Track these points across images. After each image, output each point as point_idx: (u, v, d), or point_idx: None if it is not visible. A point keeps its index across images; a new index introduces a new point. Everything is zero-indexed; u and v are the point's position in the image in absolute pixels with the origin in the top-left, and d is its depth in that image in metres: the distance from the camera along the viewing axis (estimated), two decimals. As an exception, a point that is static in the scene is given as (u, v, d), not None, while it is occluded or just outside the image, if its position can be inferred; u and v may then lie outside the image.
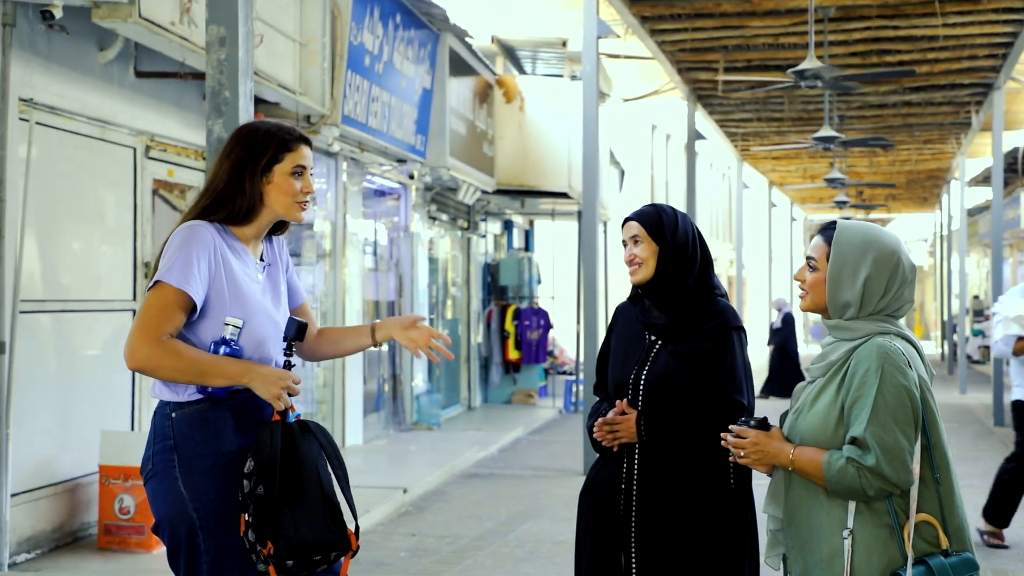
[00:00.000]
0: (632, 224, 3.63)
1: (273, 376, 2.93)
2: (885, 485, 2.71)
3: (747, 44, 14.41)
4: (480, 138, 13.46)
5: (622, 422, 3.53)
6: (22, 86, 6.40)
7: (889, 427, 2.70)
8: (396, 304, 13.41)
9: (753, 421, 2.92)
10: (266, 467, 2.89)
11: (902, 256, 2.87)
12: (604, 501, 3.60)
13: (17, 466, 6.44)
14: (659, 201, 26.59)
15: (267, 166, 3.06)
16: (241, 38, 4.51)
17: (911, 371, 2.77)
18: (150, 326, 2.92)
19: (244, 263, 3.07)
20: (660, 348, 3.58)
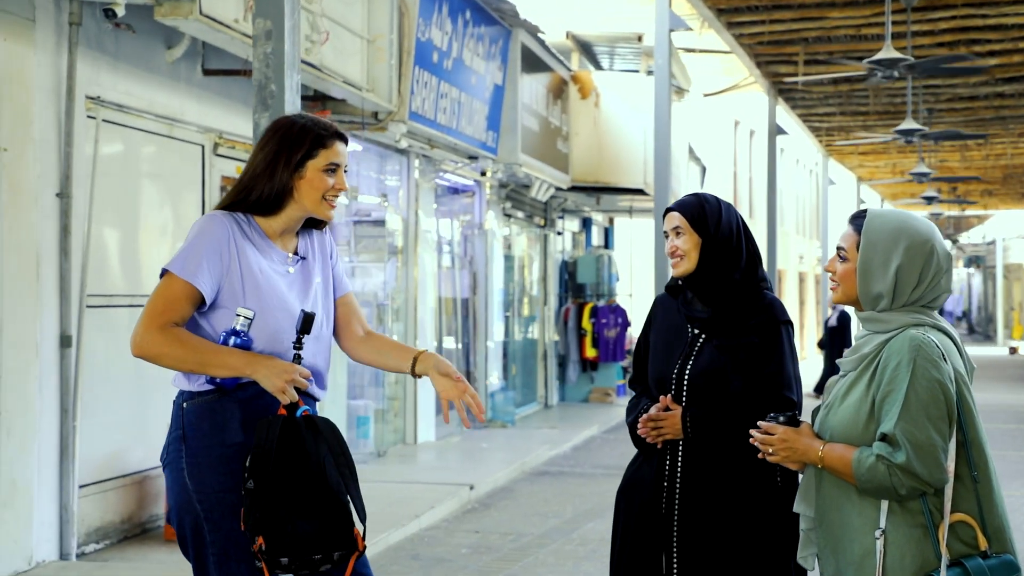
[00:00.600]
0: (673, 215, 3.52)
1: (278, 368, 2.88)
2: (917, 483, 2.60)
3: (828, 36, 14.13)
4: (554, 134, 13.39)
5: (667, 418, 3.43)
6: (89, 84, 6.51)
7: (921, 423, 2.59)
8: (470, 302, 13.42)
9: (782, 417, 2.82)
10: (260, 460, 2.84)
11: (936, 244, 2.74)
12: (645, 499, 3.49)
13: (86, 458, 6.56)
14: (742, 195, 26.15)
15: (301, 161, 3.02)
16: (287, 31, 4.52)
17: (945, 364, 2.65)
18: (155, 314, 2.92)
19: (267, 255, 3.04)
20: (704, 342, 3.47)
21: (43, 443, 6.15)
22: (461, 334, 13.28)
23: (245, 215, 3.06)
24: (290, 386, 2.88)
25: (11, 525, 5.86)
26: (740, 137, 26.11)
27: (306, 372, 2.93)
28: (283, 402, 2.89)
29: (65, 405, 6.29)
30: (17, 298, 5.93)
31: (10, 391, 5.84)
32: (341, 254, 10.47)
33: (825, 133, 21.66)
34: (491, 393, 13.58)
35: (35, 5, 6.07)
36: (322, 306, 3.13)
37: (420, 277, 11.53)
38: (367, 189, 10.92)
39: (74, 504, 6.32)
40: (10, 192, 5.88)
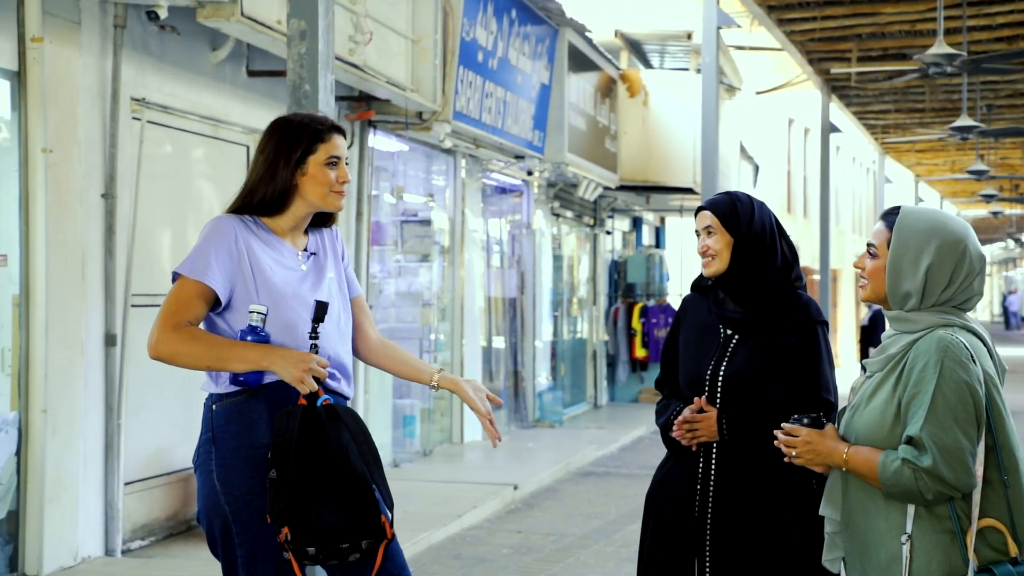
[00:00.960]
0: (705, 214, 3.45)
1: (295, 358, 2.88)
2: (944, 488, 2.54)
3: (881, 32, 13.95)
4: (602, 134, 13.34)
5: (702, 420, 3.37)
6: (134, 86, 6.59)
7: (948, 426, 2.53)
8: (518, 301, 13.40)
9: (806, 419, 2.77)
10: (281, 450, 2.84)
11: (969, 244, 2.68)
12: (676, 501, 3.43)
13: (132, 455, 6.64)
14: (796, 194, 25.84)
15: (301, 158, 3.04)
16: (321, 31, 4.53)
17: (974, 366, 2.58)
18: (167, 315, 2.93)
19: (278, 252, 3.05)
20: (738, 343, 3.41)
21: (88, 441, 6.23)
22: (509, 334, 13.27)
23: (252, 216, 3.07)
24: (308, 375, 2.87)
25: (57, 522, 5.94)
26: (794, 135, 25.83)
27: (324, 361, 2.93)
28: (302, 392, 2.88)
29: (110, 403, 6.37)
30: (63, 297, 6.01)
31: (56, 389, 5.92)
32: (388, 253, 10.60)
33: (881, 130, 21.38)
34: (539, 393, 13.56)
35: (81, 8, 6.15)
36: (339, 302, 3.13)
37: (467, 277, 11.54)
38: (414, 189, 10.95)
39: (119, 501, 6.40)
40: (56, 193, 5.96)
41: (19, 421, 5.76)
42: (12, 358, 5.83)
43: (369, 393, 9.47)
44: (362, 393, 9.24)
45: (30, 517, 5.78)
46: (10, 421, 5.74)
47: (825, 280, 17.75)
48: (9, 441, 5.72)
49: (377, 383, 9.71)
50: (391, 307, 10.54)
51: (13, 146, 5.83)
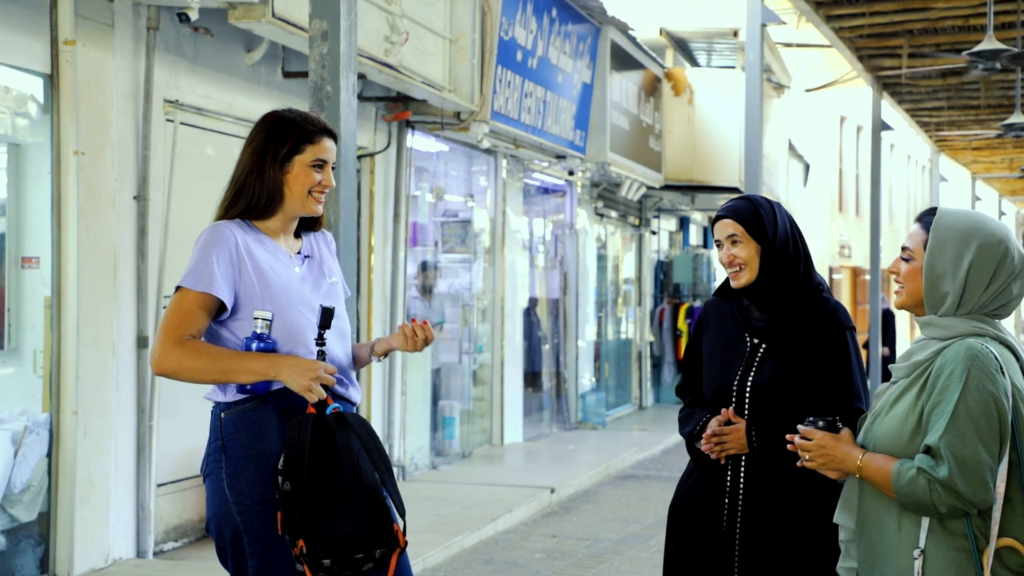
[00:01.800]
0: (728, 222, 3.32)
1: (302, 367, 2.83)
2: (958, 502, 2.43)
3: (934, 27, 13.63)
4: (646, 133, 13.21)
5: (730, 432, 3.26)
6: (167, 88, 6.60)
7: (968, 438, 2.43)
8: (561, 302, 13.32)
9: (822, 422, 2.67)
10: (293, 462, 2.79)
11: (1011, 246, 2.57)
12: (704, 515, 3.33)
13: (165, 457, 6.65)
14: (848, 193, 25.43)
15: (287, 156, 2.98)
16: (343, 32, 4.49)
17: (1002, 378, 2.47)
18: (169, 329, 2.88)
19: (273, 255, 3.00)
20: (765, 352, 3.30)
21: (120, 442, 6.25)
22: (551, 334, 13.20)
23: (243, 220, 3.02)
24: (316, 384, 2.83)
25: (88, 523, 5.97)
26: (846, 133, 25.48)
27: (332, 368, 2.88)
28: (310, 400, 2.84)
29: (142, 404, 6.39)
30: (94, 299, 6.03)
31: (87, 391, 5.95)
32: (431, 253, 10.57)
33: (935, 128, 20.97)
34: (582, 395, 13.47)
35: (114, 11, 6.17)
36: (340, 303, 3.10)
37: (508, 277, 11.48)
38: (454, 189, 10.92)
39: (151, 502, 6.41)
40: (88, 195, 5.98)
41: (50, 423, 5.79)
42: (44, 360, 5.86)
43: (407, 395, 9.44)
44: (399, 395, 9.22)
45: (61, 518, 5.81)
46: (41, 423, 5.77)
47: (876, 280, 17.43)
48: (40, 443, 5.75)
49: (416, 384, 9.69)
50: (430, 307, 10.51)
51: (45, 148, 5.86)
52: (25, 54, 5.72)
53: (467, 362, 10.93)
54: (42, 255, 5.87)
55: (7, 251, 5.84)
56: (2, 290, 5.82)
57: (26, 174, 5.93)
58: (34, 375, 5.89)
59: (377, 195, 9.03)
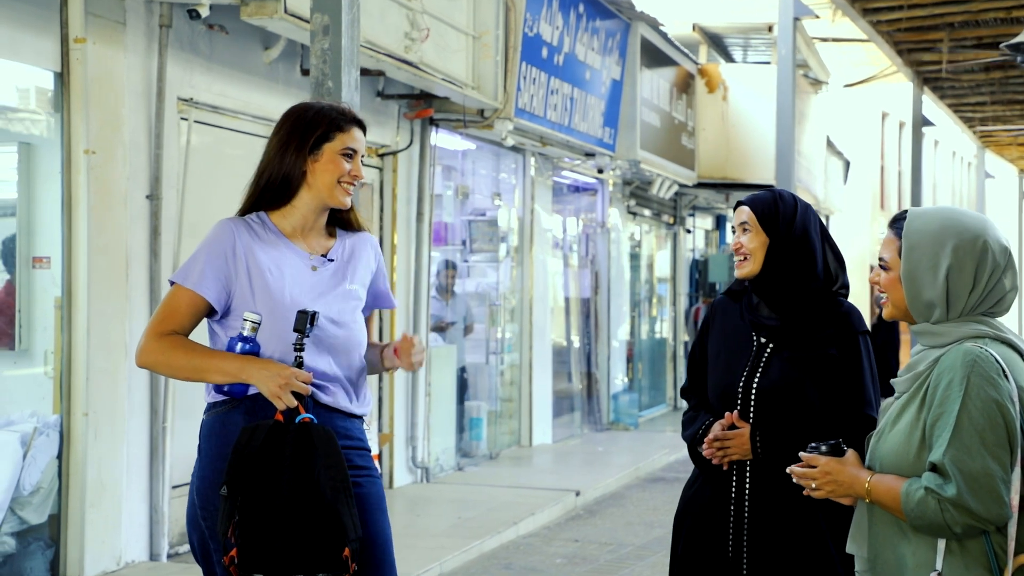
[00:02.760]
0: (743, 210, 3.21)
1: (272, 371, 2.75)
2: (972, 520, 2.27)
3: (975, 20, 13.37)
4: (678, 130, 13.03)
5: (733, 437, 3.13)
6: (181, 86, 6.53)
7: (975, 450, 2.26)
8: (592, 301, 13.18)
9: (824, 447, 2.50)
10: (236, 466, 2.70)
11: (988, 238, 2.38)
12: (709, 524, 3.20)
13: (181, 459, 6.58)
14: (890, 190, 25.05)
15: (316, 143, 2.92)
16: (344, 26, 4.40)
17: (1005, 382, 2.30)
18: (155, 323, 2.89)
19: (281, 255, 2.91)
20: (773, 353, 3.16)
21: (132, 444, 6.19)
22: (582, 334, 13.06)
23: (258, 215, 2.96)
24: (286, 391, 2.74)
25: (99, 526, 5.91)
26: (888, 129, 25.10)
27: (306, 376, 2.78)
28: (278, 407, 2.75)
29: (155, 406, 6.32)
30: (106, 300, 5.97)
31: (98, 392, 5.89)
32: (459, 252, 10.47)
33: (979, 123, 20.60)
34: (614, 395, 13.32)
35: (126, 8, 6.11)
36: (349, 312, 2.97)
37: (536, 276, 11.35)
38: (482, 187, 10.81)
39: (164, 505, 6.35)
40: (99, 195, 5.92)
41: (61, 424, 5.74)
42: (54, 361, 5.81)
43: (431, 396, 9.34)
44: (423, 396, 9.12)
45: (71, 521, 5.75)
46: (51, 424, 5.72)
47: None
48: (50, 444, 5.70)
49: (439, 386, 9.59)
50: (458, 307, 10.41)
51: (56, 147, 5.80)
52: (35, 52, 5.67)
53: (494, 362, 10.82)
54: (53, 255, 5.82)
55: (18, 251, 5.79)
56: (13, 290, 5.78)
57: (36, 173, 5.88)
58: (45, 376, 5.84)
59: (400, 193, 8.94)
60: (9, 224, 5.84)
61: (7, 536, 5.50)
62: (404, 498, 8.47)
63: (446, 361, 9.81)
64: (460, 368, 10.31)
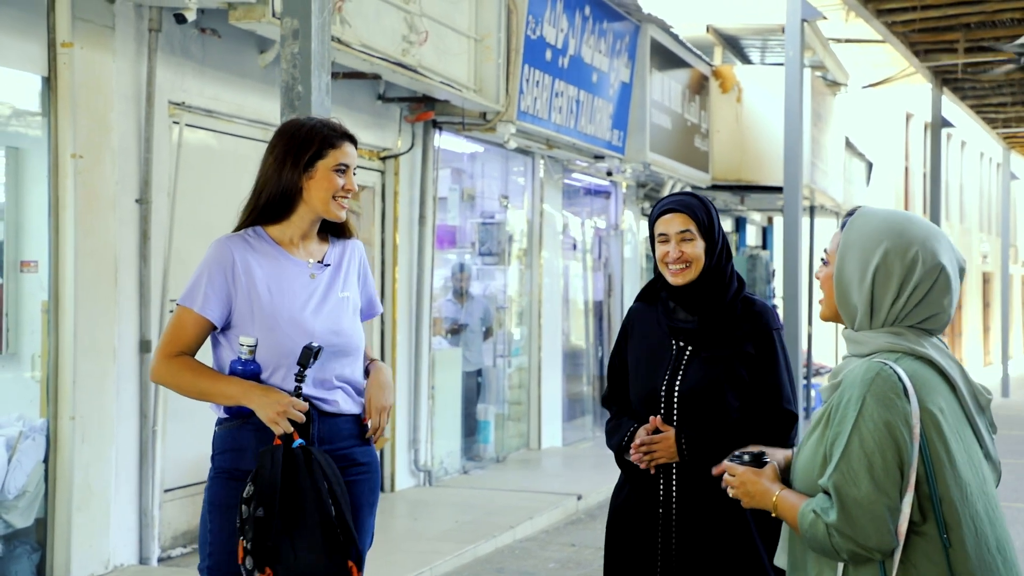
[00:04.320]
0: (682, 217, 3.20)
1: (271, 399, 2.94)
2: (856, 548, 2.16)
3: (991, 21, 13.21)
4: (691, 132, 12.95)
5: (659, 441, 3.15)
6: (172, 90, 6.54)
7: (860, 476, 2.15)
8: (604, 304, 13.12)
9: (747, 456, 2.46)
10: (266, 490, 2.89)
11: (924, 250, 2.25)
12: (638, 529, 3.22)
13: (172, 462, 6.60)
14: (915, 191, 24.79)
15: (310, 160, 3.06)
16: (315, 30, 4.37)
17: (903, 402, 2.17)
18: (164, 343, 3.07)
19: (280, 266, 3.07)
20: (691, 355, 3.19)
21: (121, 448, 6.20)
22: (595, 337, 13.00)
23: (254, 229, 3.10)
24: (283, 418, 2.92)
25: (85, 529, 5.92)
26: (913, 130, 24.86)
27: (302, 405, 2.96)
28: (276, 433, 2.93)
29: (145, 410, 6.33)
30: (93, 304, 5.99)
31: (86, 396, 5.90)
32: (468, 256, 10.45)
33: (1002, 124, 20.36)
34: (627, 398, 13.23)
35: (115, 13, 6.12)
36: (347, 319, 3.12)
37: (545, 279, 11.31)
38: (490, 189, 10.78)
39: (154, 509, 6.36)
40: (86, 199, 5.94)
41: (47, 428, 5.76)
42: (41, 364, 5.83)
43: (435, 399, 9.32)
44: (425, 399, 9.10)
45: (58, 525, 5.76)
46: (38, 428, 5.73)
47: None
48: (37, 448, 5.72)
49: (443, 389, 9.56)
50: (467, 310, 10.38)
51: (43, 152, 5.82)
52: (22, 57, 5.69)
53: (502, 365, 10.79)
54: (40, 259, 5.84)
55: (5, 255, 5.82)
56: (0, 294, 5.80)
57: (24, 177, 5.91)
58: (31, 380, 5.87)
59: (402, 196, 8.93)
60: (-3, 228, 5.87)
61: (-8, 539, 5.52)
62: (404, 501, 8.45)
63: (451, 364, 9.79)
64: (476, 371, 10.28)
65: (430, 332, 9.18)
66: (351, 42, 6.90)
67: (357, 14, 7.07)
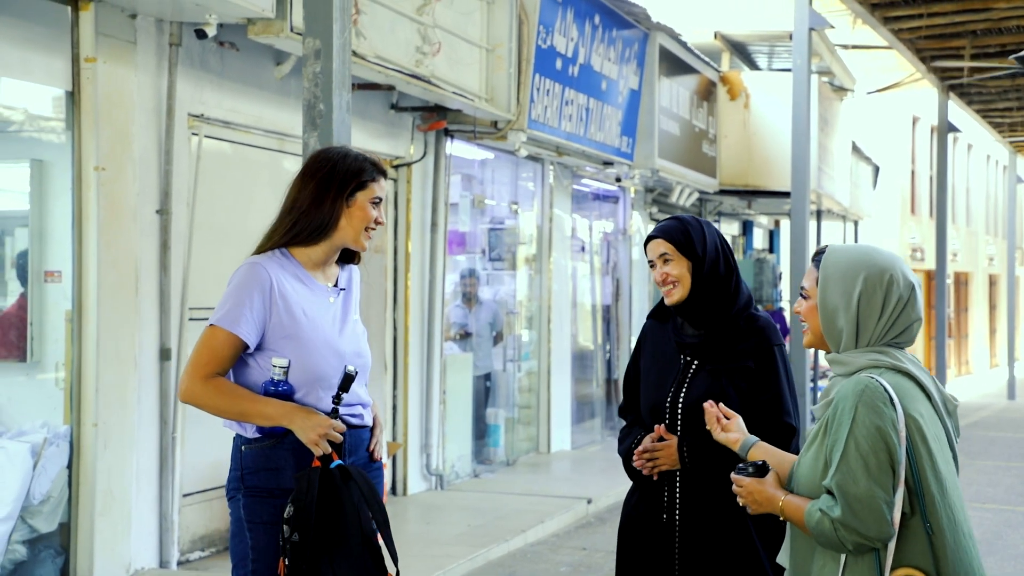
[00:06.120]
0: (659, 242, 3.41)
1: (312, 422, 3.01)
2: (860, 539, 2.50)
3: (997, 28, 13.32)
4: (699, 138, 13.06)
5: (662, 448, 3.34)
6: (192, 102, 6.67)
7: (859, 475, 2.49)
8: (612, 308, 13.23)
9: (751, 467, 2.74)
10: (302, 513, 2.96)
11: (896, 272, 2.63)
12: (647, 535, 3.39)
13: (192, 467, 6.73)
14: (921, 195, 24.88)
15: (353, 191, 3.15)
16: (336, 50, 4.50)
17: (889, 410, 2.51)
18: (199, 364, 3.08)
19: (309, 290, 3.16)
20: (697, 368, 3.37)
21: (142, 454, 6.33)
22: (604, 341, 13.11)
23: (281, 251, 3.17)
24: (323, 440, 3.01)
25: (107, 534, 6.05)
26: (919, 134, 24.93)
27: (340, 427, 3.06)
28: (315, 454, 3.02)
29: (165, 417, 6.46)
30: (115, 312, 6.12)
31: (108, 403, 6.03)
32: (479, 260, 10.57)
33: (1008, 129, 20.44)
34: (635, 402, 13.33)
35: (136, 28, 6.25)
36: (364, 340, 3.28)
37: (554, 284, 11.43)
38: (501, 195, 10.90)
39: (174, 513, 6.49)
40: (108, 210, 6.07)
41: (71, 435, 5.89)
42: (65, 372, 5.96)
43: (446, 404, 9.45)
44: (437, 403, 9.22)
45: (81, 529, 5.89)
46: (62, 435, 5.86)
47: (942, 283, 17.04)
48: (60, 454, 5.85)
49: (455, 393, 9.68)
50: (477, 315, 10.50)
51: (66, 164, 5.95)
52: (46, 72, 5.82)
53: (512, 369, 10.91)
54: (64, 269, 5.97)
55: (30, 265, 5.96)
56: (25, 303, 5.93)
57: (48, 189, 6.04)
58: (55, 387, 6.00)
59: (414, 203, 9.05)
60: (22, 239, 6.01)
61: (18, 544, 5.65)
62: (417, 505, 8.57)
63: (462, 368, 9.91)
64: (484, 375, 10.41)
65: (442, 337, 9.30)
66: (366, 54, 7.03)
67: (372, 27, 7.19)
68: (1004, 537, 8.37)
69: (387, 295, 8.85)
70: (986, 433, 15.29)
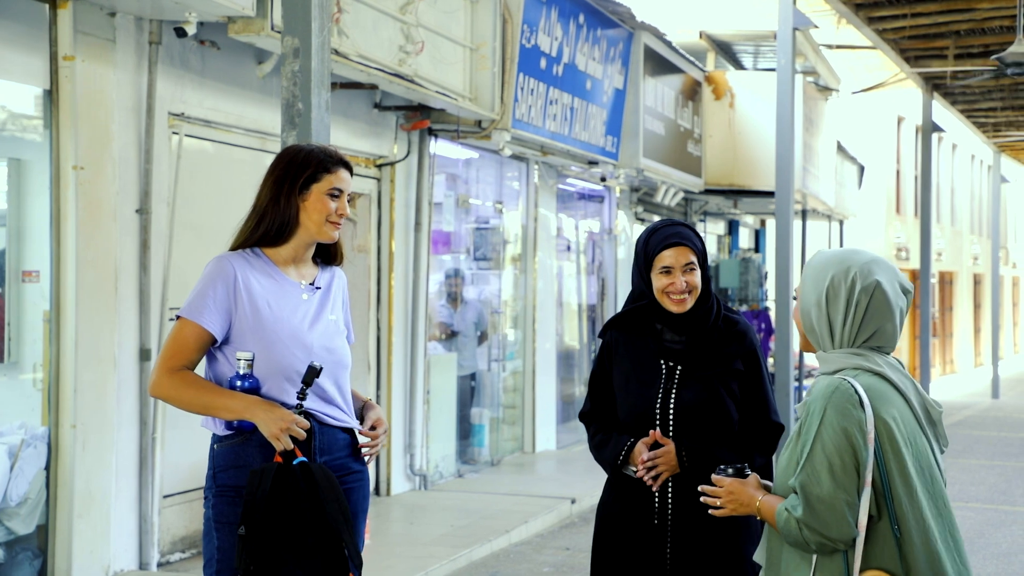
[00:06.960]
0: (685, 250, 3.35)
1: (273, 416, 3.00)
2: (822, 539, 2.50)
3: (980, 28, 13.35)
4: (684, 137, 13.05)
5: (662, 455, 3.30)
6: (172, 101, 6.63)
7: (821, 476, 2.50)
8: (598, 308, 13.22)
9: (731, 469, 2.75)
10: (251, 508, 2.94)
11: (860, 271, 2.60)
12: (634, 538, 3.35)
13: (172, 468, 6.69)
14: (906, 194, 24.91)
15: (305, 184, 3.16)
16: (315, 49, 4.47)
17: (858, 412, 2.50)
18: (166, 358, 3.11)
19: (278, 286, 3.16)
20: (683, 373, 3.35)
21: (121, 455, 6.28)
22: (589, 342, 13.09)
23: (251, 249, 3.19)
24: (285, 435, 2.99)
25: (87, 535, 6.01)
26: (904, 134, 24.99)
27: (304, 423, 3.04)
28: (277, 449, 3.00)
29: (144, 417, 6.42)
30: (94, 312, 6.07)
31: (86, 404, 5.98)
32: (463, 260, 10.55)
33: (992, 129, 20.51)
34: (620, 401, 13.33)
35: (115, 26, 6.21)
36: (339, 338, 3.26)
37: (540, 283, 11.41)
38: (485, 195, 10.87)
39: (154, 515, 6.44)
40: (87, 209, 6.02)
41: (49, 436, 5.84)
42: (43, 373, 5.91)
43: (430, 403, 9.41)
44: (421, 403, 9.19)
45: (59, 531, 5.84)
46: (40, 436, 5.81)
47: (926, 283, 17.08)
48: (38, 456, 5.80)
49: (439, 393, 9.65)
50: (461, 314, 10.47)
51: (45, 163, 5.90)
52: (24, 70, 5.77)
53: (496, 369, 10.88)
54: (42, 269, 5.92)
55: (7, 265, 5.90)
56: (2, 304, 5.88)
57: (26, 188, 5.99)
58: (33, 388, 5.94)
59: (398, 203, 9.02)
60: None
61: (-5, 546, 5.60)
62: (400, 506, 8.54)
63: (447, 368, 9.88)
64: (469, 375, 10.38)
65: (425, 337, 9.27)
66: (348, 53, 6.99)
67: (354, 25, 7.16)
68: (986, 536, 8.39)
69: (371, 295, 8.82)
70: (970, 432, 15.34)
